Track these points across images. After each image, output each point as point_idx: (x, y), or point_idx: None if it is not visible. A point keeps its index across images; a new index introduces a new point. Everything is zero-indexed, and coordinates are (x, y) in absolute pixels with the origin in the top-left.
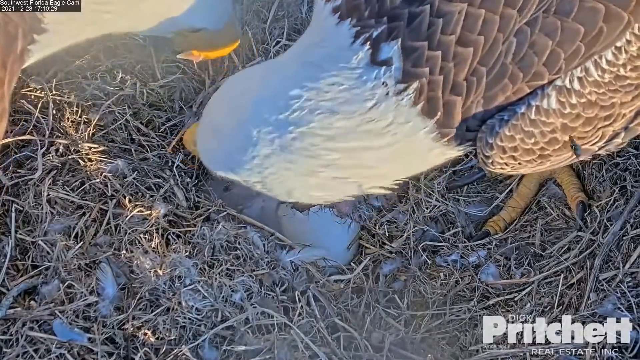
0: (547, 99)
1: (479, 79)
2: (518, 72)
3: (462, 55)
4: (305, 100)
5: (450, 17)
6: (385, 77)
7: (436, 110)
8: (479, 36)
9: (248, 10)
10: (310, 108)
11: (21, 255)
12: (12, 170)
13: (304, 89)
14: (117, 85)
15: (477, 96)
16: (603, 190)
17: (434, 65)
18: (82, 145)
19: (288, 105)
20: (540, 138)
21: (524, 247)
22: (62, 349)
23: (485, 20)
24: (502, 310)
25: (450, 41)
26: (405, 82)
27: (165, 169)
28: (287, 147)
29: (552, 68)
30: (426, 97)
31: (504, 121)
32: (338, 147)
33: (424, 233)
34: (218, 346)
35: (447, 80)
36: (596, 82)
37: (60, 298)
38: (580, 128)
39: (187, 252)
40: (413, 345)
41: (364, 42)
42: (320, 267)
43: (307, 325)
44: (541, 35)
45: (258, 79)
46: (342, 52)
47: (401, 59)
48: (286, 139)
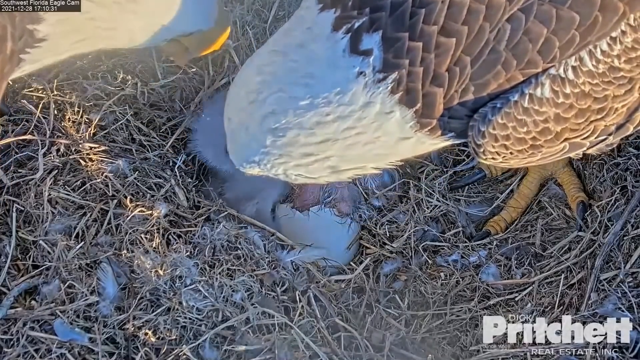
0: (541, 87)
1: (462, 68)
2: (512, 59)
3: (445, 46)
4: (272, 87)
5: (433, 7)
6: (364, 66)
7: (415, 101)
8: (462, 26)
9: (249, 10)
10: (280, 102)
11: (22, 255)
12: (13, 170)
13: (269, 75)
14: (118, 85)
15: (461, 85)
16: (604, 190)
17: (414, 56)
18: (83, 145)
19: (264, 101)
20: (533, 127)
21: (524, 247)
22: (63, 349)
23: (471, 9)
24: (503, 310)
25: (432, 31)
26: (385, 71)
27: (166, 169)
28: (278, 145)
29: (546, 56)
30: (405, 88)
31: (496, 109)
32: (301, 126)
33: (425, 233)
34: (219, 346)
35: (428, 71)
36: (590, 72)
37: (61, 298)
38: (573, 119)
39: (188, 252)
40: (413, 345)
41: (346, 32)
42: (320, 267)
43: (308, 325)
44: (536, 22)
45: (246, 79)
46: (320, 41)
47: (382, 49)
48: (275, 140)
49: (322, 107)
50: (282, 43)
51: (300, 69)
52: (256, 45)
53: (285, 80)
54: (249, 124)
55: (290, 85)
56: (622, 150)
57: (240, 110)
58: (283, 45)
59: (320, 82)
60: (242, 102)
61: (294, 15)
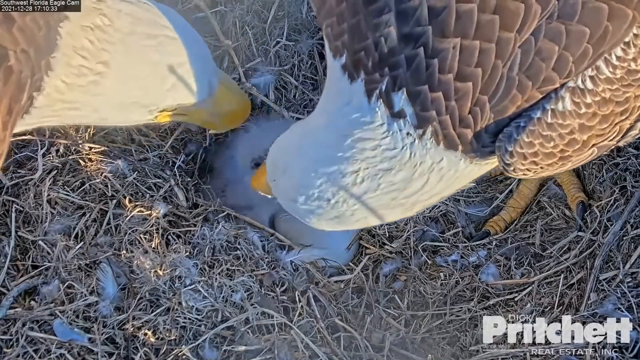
0: (562, 101)
1: (482, 107)
2: (526, 81)
3: (463, 91)
4: (352, 173)
5: (445, 55)
6: (407, 127)
7: (456, 143)
8: (476, 68)
9: (248, 11)
10: (354, 180)
11: (21, 255)
12: (12, 170)
13: (349, 165)
14: None
15: (484, 122)
16: (603, 190)
17: (439, 106)
18: (83, 146)
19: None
20: (559, 141)
21: (524, 247)
22: (62, 349)
23: (482, 50)
24: (502, 310)
25: (449, 80)
26: (421, 127)
27: (166, 169)
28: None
29: (562, 72)
30: (443, 135)
31: (520, 128)
32: (397, 197)
33: (424, 233)
34: (218, 346)
35: (454, 117)
36: (608, 79)
37: (60, 298)
38: (598, 126)
39: (187, 252)
40: (413, 345)
41: (378, 98)
42: (320, 267)
43: (307, 325)
44: (546, 41)
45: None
46: (364, 113)
47: (411, 105)
48: (348, 209)
49: (397, 179)
50: (333, 137)
51: (369, 147)
52: (256, 46)
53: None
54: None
55: (354, 171)
56: (621, 150)
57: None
58: (336, 138)
59: (396, 154)
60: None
61: (329, 90)
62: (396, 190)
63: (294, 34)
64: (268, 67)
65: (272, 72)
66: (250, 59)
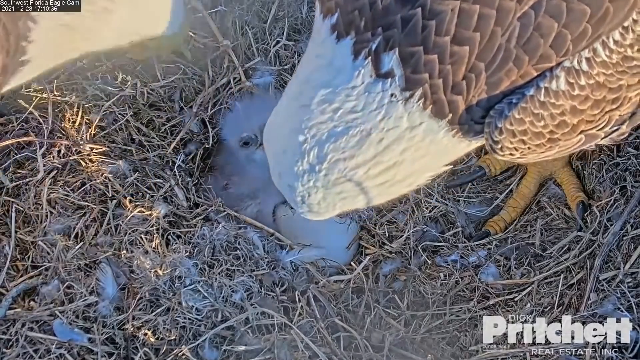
0: (556, 80)
1: (477, 75)
2: (523, 55)
3: (459, 54)
4: (311, 138)
5: (443, 17)
6: (392, 88)
7: (445, 111)
8: (474, 33)
9: (248, 11)
10: (319, 141)
11: (21, 255)
12: (12, 170)
13: (306, 130)
14: (117, 85)
15: (478, 90)
16: (603, 190)
17: (432, 69)
18: (83, 146)
19: (301, 151)
20: (550, 121)
21: (524, 247)
22: (62, 349)
23: (481, 15)
24: (502, 310)
25: (445, 42)
26: (410, 89)
27: (166, 169)
28: (326, 184)
29: (559, 50)
30: (432, 100)
31: (512, 104)
32: (360, 162)
33: (424, 233)
34: (218, 346)
35: (447, 82)
36: (604, 62)
37: (60, 298)
38: (589, 111)
39: (187, 252)
40: (413, 345)
41: (365, 57)
42: (320, 267)
43: (307, 325)
44: (546, 17)
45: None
46: (345, 73)
47: (401, 66)
48: (320, 179)
49: (375, 135)
50: (308, 95)
51: (340, 109)
52: (255, 46)
53: (329, 131)
54: (312, 191)
55: (336, 130)
56: (621, 150)
57: (297, 176)
58: (309, 97)
59: (364, 115)
60: (295, 168)
61: (308, 54)
62: (368, 162)
63: (293, 33)
64: (268, 67)
65: (272, 72)
66: (250, 59)
